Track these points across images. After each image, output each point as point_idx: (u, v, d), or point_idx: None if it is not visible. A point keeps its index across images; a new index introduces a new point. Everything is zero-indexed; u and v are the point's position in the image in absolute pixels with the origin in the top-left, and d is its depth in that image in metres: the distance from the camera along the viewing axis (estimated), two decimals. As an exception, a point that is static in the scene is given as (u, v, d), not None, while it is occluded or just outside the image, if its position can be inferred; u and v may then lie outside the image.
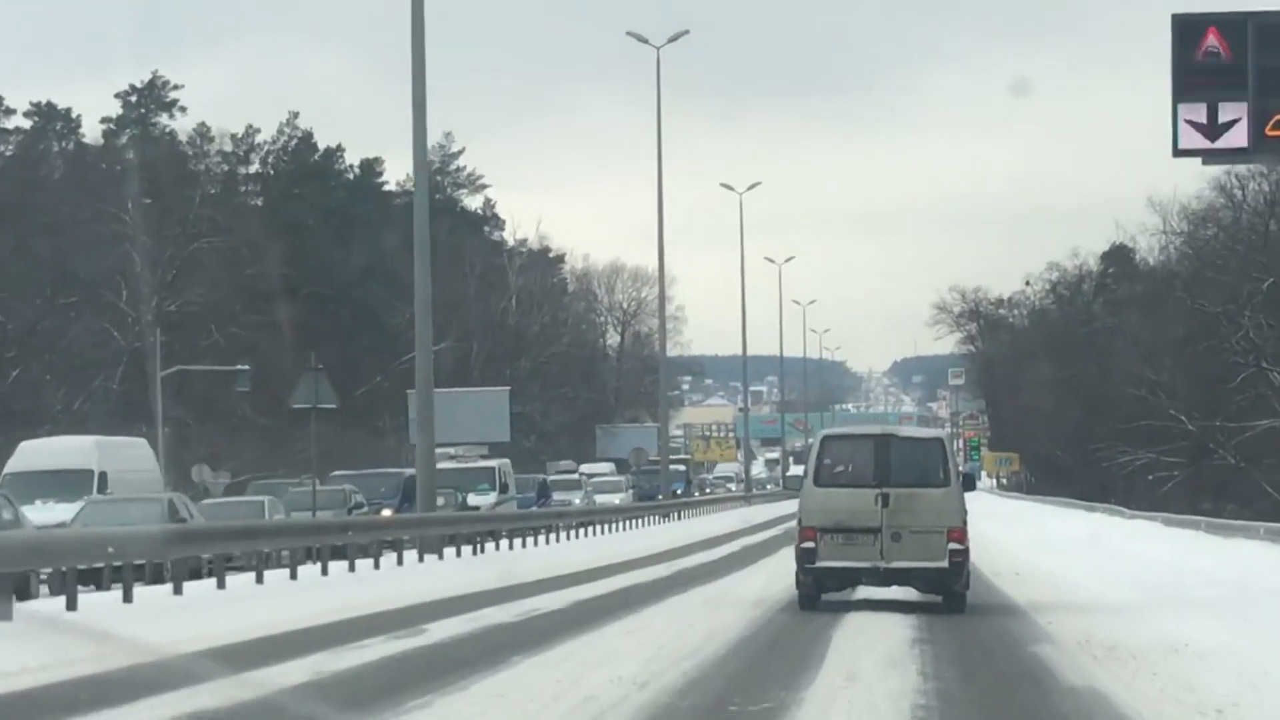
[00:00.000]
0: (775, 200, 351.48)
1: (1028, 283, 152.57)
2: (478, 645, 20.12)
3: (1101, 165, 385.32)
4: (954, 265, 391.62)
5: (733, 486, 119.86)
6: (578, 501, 68.43)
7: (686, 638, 20.85)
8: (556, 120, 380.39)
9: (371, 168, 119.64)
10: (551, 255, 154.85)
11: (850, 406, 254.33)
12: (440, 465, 62.08)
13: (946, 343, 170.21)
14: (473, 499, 57.66)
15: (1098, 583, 32.58)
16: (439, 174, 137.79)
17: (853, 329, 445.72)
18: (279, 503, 43.17)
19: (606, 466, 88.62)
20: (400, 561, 36.59)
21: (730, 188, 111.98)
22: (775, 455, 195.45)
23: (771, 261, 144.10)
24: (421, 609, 25.07)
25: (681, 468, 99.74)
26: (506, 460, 63.40)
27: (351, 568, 32.73)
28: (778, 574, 35.64)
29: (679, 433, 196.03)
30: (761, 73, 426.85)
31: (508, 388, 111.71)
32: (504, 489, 59.85)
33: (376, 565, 34.27)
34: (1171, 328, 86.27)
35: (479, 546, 41.87)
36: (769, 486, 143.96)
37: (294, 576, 30.14)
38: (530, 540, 50.24)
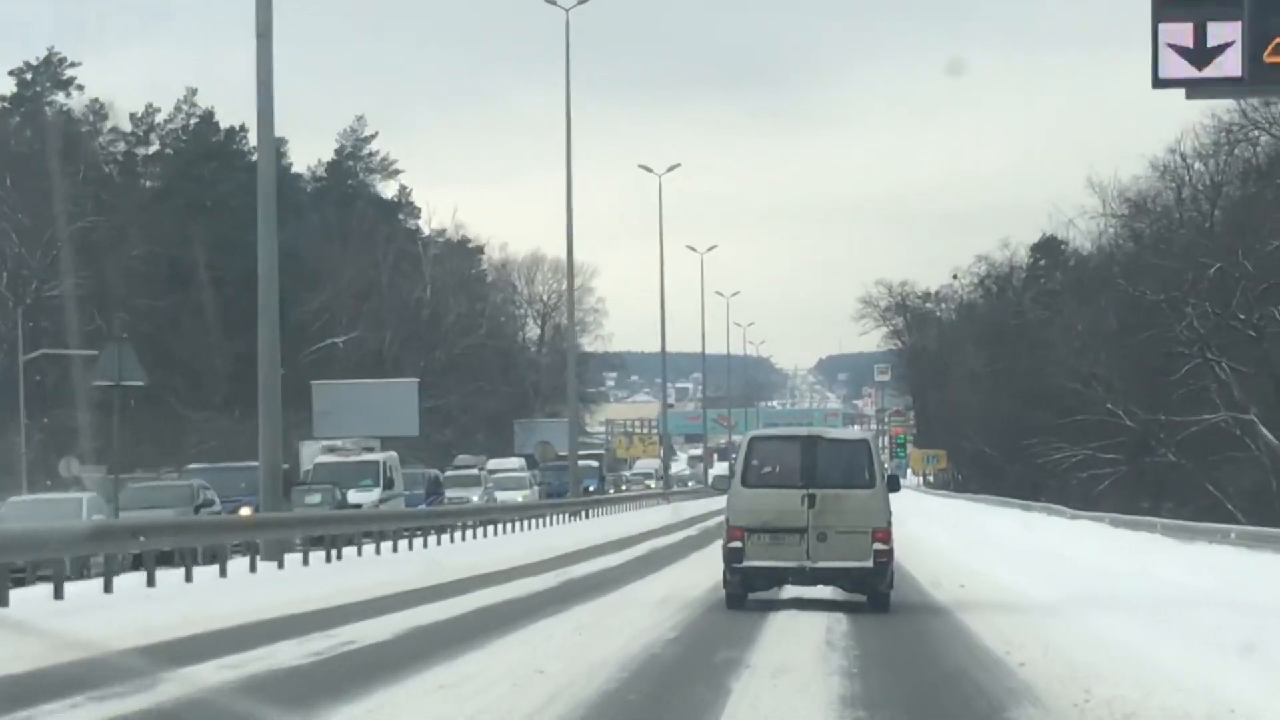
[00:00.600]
0: (701, 197, 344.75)
1: (955, 276, 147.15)
2: (211, 713, 13.64)
3: (1035, 163, 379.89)
4: (883, 262, 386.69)
5: (652, 483, 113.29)
6: (476, 499, 61.83)
7: (525, 694, 14.52)
8: (478, 110, 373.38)
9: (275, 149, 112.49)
10: (471, 246, 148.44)
11: (776, 403, 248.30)
12: (320, 459, 55.60)
13: (872, 338, 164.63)
14: (354, 496, 51.04)
15: (1060, 598, 26.39)
16: (350, 159, 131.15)
17: (779, 327, 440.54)
18: (100, 500, 36.52)
19: (516, 462, 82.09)
20: (223, 573, 29.93)
21: (649, 169, 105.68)
22: (698, 451, 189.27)
23: (693, 250, 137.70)
24: (187, 645, 18.52)
25: (594, 463, 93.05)
26: (394, 454, 56.57)
27: (150, 581, 26.09)
28: (681, 586, 29.46)
29: (601, 429, 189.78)
30: (689, 66, 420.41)
31: (416, 379, 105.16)
32: (389, 485, 53.11)
33: (188, 577, 27.68)
34: (1110, 317, 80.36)
35: (336, 553, 35.27)
36: (691, 484, 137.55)
37: (59, 595, 23.43)
38: (416, 542, 43.92)
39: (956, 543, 46.09)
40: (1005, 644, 19.14)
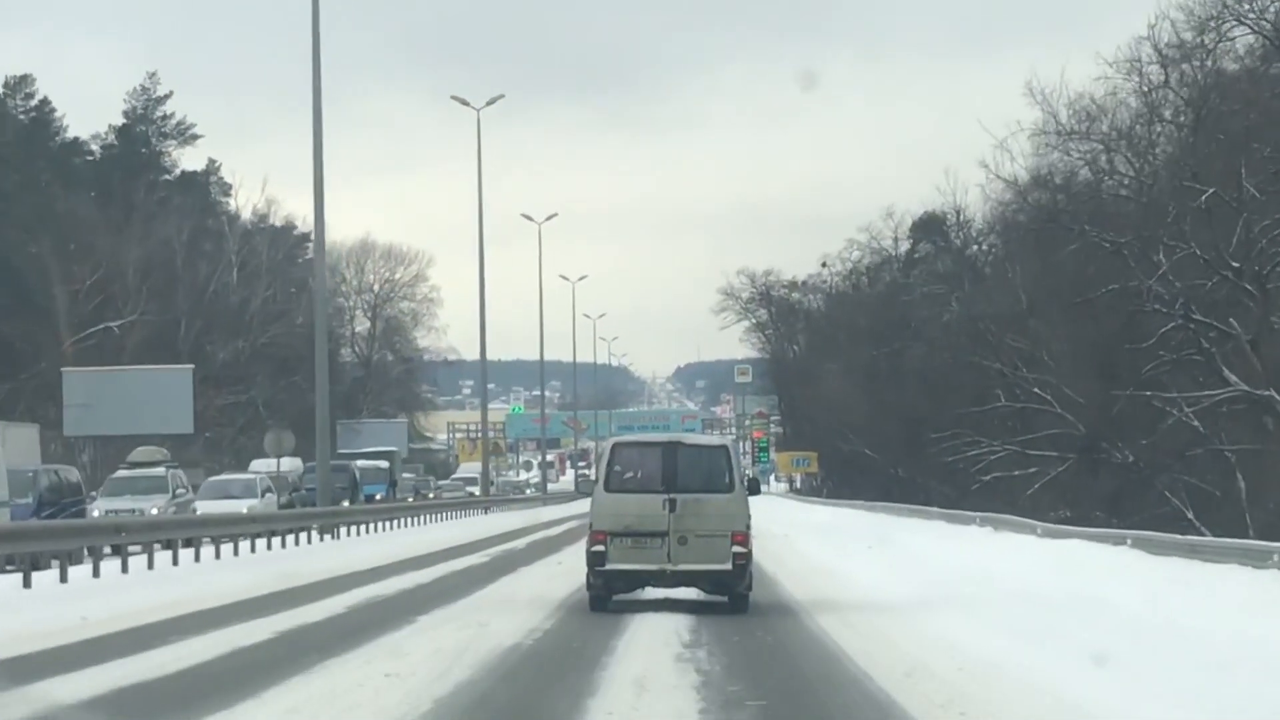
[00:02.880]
0: (553, 204, 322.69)
1: (824, 264, 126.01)
2: None
3: (903, 167, 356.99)
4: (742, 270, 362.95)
5: (476, 490, 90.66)
6: (156, 511, 39.19)
7: None
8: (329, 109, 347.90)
9: (24, 92, 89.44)
10: (296, 233, 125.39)
11: (632, 408, 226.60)
12: None
13: (733, 336, 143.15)
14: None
15: None
16: (141, 122, 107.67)
17: (636, 337, 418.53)
18: None
19: (290, 464, 59.46)
20: None
21: (464, 102, 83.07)
22: (551, 458, 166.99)
23: (529, 219, 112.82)
24: None
25: (383, 464, 69.83)
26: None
27: None
28: None
29: (441, 434, 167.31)
30: (547, 72, 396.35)
31: (191, 366, 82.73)
32: (-38, 488, 30.05)
33: None
34: (1047, 274, 59.20)
35: None
36: (529, 490, 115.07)
37: None
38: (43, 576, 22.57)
39: (926, 592, 24.33)
40: None
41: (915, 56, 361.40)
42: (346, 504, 51.11)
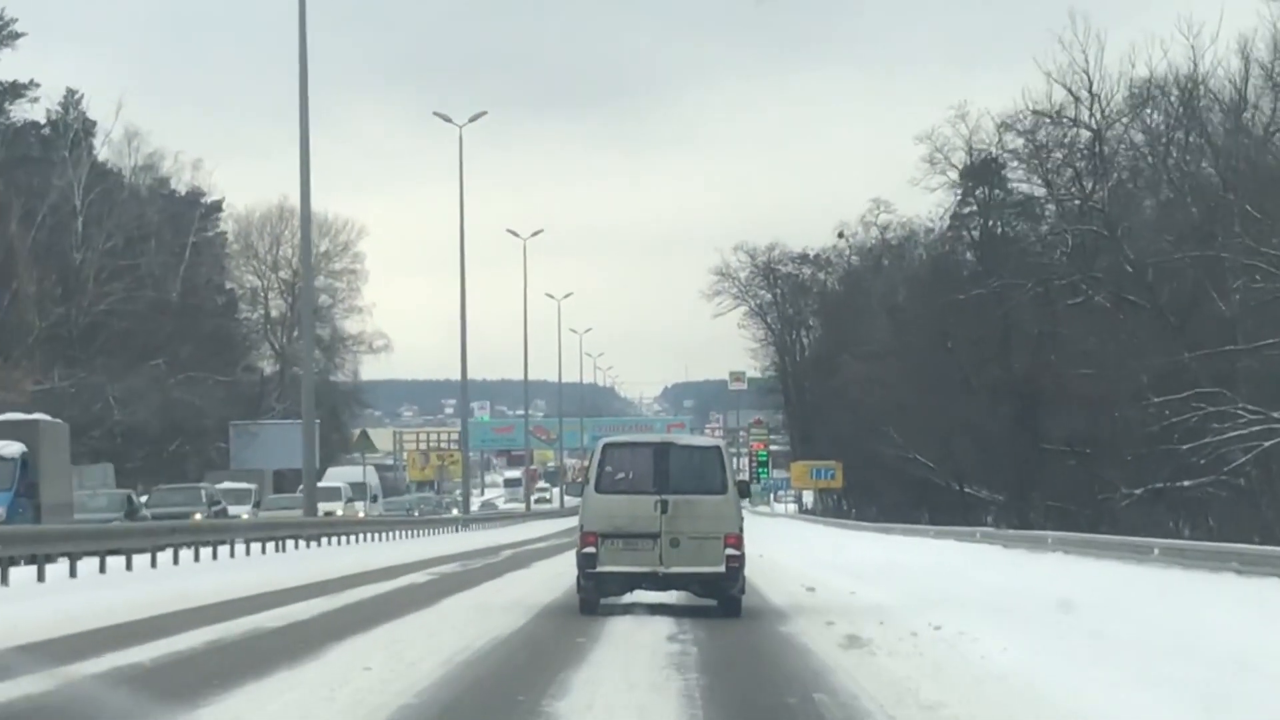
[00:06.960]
0: (549, 222, 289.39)
1: (841, 234, 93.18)
2: None
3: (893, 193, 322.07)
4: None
5: (339, 509, 56.58)
6: None
7: None
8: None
9: None
10: (207, 200, 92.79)
11: (611, 419, 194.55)
12: None
13: (723, 356, 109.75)
14: None
15: None
16: (-52, 17, 74.59)
17: (623, 359, 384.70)
18: None
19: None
20: None
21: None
22: (517, 474, 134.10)
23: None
24: None
25: (11, 452, 34.82)
26: None
27: None
28: None
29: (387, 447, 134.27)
30: (532, 88, 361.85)
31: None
32: None
33: None
34: None
35: None
36: (454, 510, 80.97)
37: None
38: None
39: None
40: None
41: (915, 71, 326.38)
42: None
